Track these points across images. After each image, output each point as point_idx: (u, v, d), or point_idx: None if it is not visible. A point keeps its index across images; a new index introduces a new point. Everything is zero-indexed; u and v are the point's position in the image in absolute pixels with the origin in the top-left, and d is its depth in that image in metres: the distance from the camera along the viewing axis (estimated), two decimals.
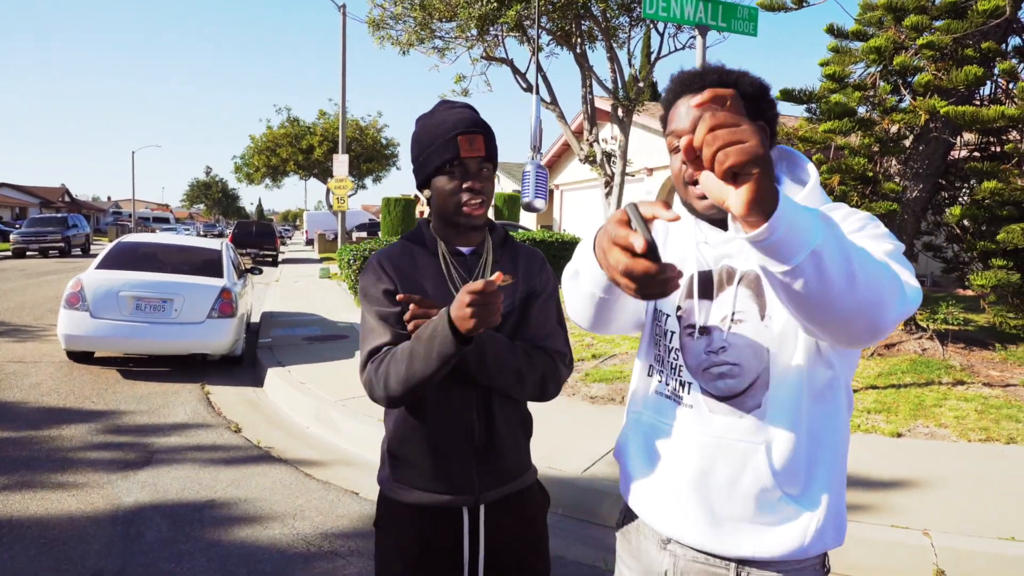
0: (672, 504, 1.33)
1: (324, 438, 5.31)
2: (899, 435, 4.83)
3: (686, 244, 1.35)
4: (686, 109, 1.25)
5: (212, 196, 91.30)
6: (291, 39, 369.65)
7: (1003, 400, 5.48)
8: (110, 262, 7.40)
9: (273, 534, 3.61)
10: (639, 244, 0.95)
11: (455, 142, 1.56)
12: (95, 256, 9.70)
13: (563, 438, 4.74)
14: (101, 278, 6.92)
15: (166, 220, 57.87)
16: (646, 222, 0.97)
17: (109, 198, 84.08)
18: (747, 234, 0.90)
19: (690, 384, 1.31)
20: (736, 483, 1.25)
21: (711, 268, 1.30)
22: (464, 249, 1.69)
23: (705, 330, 1.29)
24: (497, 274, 1.36)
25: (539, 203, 1.71)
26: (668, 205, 0.97)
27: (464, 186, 1.58)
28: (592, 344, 7.88)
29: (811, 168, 1.30)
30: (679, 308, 1.34)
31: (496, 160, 1.67)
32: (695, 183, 1.26)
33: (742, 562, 1.28)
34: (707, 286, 1.30)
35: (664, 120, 1.34)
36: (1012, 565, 3.19)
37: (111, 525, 3.64)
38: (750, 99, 1.26)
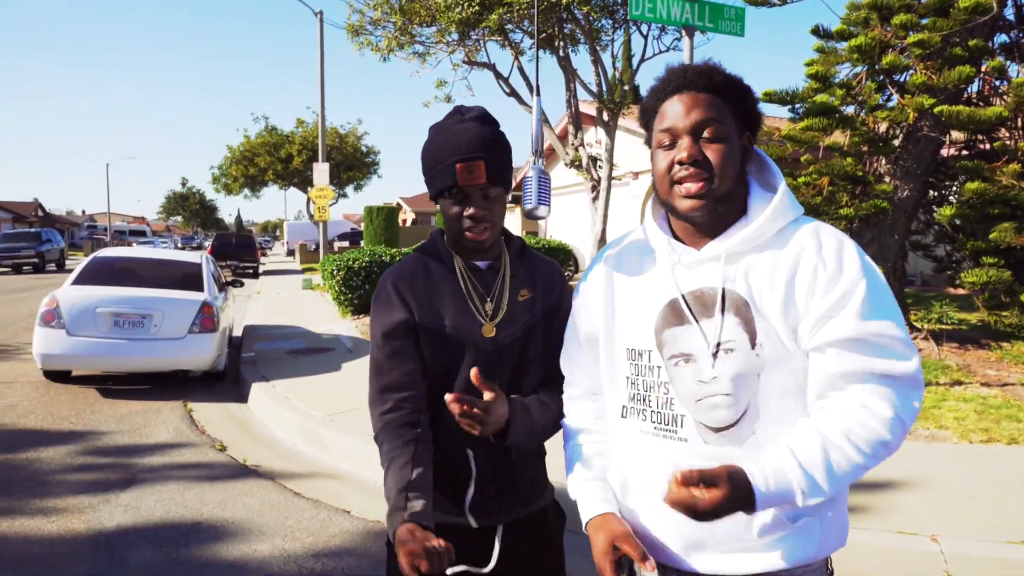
0: (675, 538, 1.31)
1: (312, 455, 5.15)
2: None
3: (661, 270, 1.34)
4: (678, 106, 1.26)
5: (189, 208, 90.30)
6: (267, 47, 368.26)
7: (1002, 400, 5.46)
8: (86, 277, 7.20)
9: (262, 556, 3.47)
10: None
11: (452, 170, 1.48)
12: (70, 271, 9.44)
13: (550, 444, 4.61)
14: (77, 294, 6.71)
15: (143, 233, 57.15)
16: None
17: (84, 212, 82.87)
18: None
19: (683, 417, 1.28)
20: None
21: (690, 291, 1.29)
22: (481, 263, 1.63)
23: (693, 359, 1.27)
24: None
25: (543, 210, 1.62)
26: None
27: (465, 213, 1.51)
28: None
29: (780, 174, 1.34)
30: (660, 340, 1.31)
31: (505, 179, 1.56)
32: (680, 182, 1.25)
33: None
34: (689, 311, 1.28)
35: (647, 120, 1.33)
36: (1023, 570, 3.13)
37: (93, 551, 3.48)
38: (735, 100, 1.28)
